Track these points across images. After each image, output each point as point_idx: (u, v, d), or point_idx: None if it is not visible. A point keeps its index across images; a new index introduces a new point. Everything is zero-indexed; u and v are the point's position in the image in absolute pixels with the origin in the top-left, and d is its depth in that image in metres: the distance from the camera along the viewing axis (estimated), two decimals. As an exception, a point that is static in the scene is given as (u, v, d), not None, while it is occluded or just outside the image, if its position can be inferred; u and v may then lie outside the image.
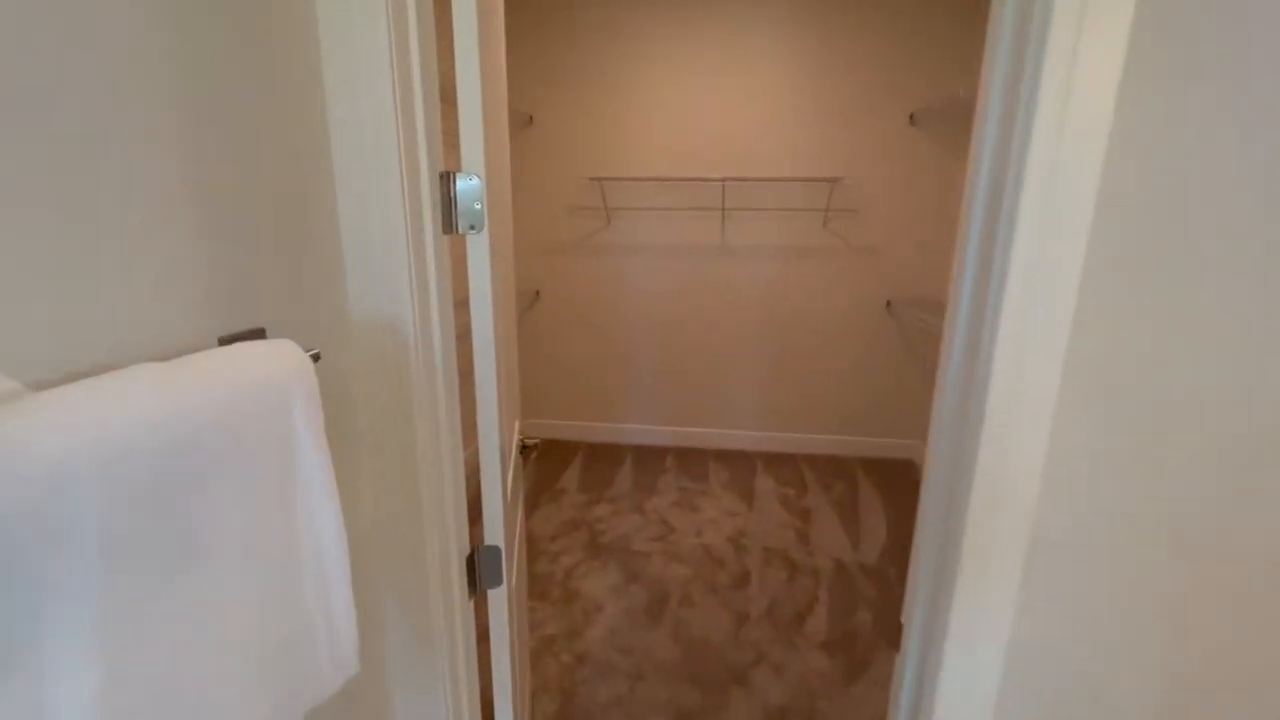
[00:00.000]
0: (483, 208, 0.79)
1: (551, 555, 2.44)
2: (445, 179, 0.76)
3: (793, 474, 3.21)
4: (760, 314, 3.32)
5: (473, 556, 0.91)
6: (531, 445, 1.50)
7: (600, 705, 1.73)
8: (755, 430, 3.50)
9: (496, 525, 0.91)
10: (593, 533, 2.62)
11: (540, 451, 3.46)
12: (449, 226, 0.78)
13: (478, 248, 0.80)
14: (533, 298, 3.45)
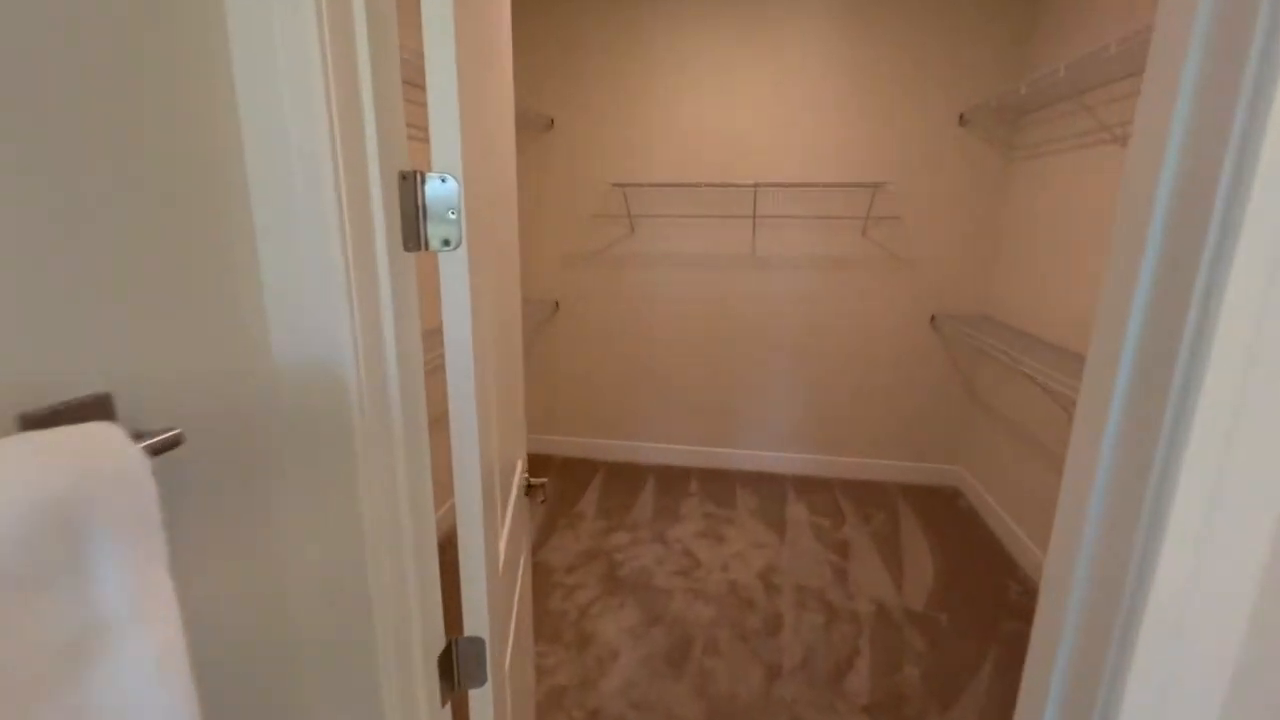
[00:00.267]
0: (459, 217, 0.61)
1: (566, 590, 2.26)
2: (410, 182, 0.59)
3: (827, 501, 2.98)
4: (793, 328, 3.11)
5: (449, 649, 0.74)
6: (539, 485, 1.32)
7: (614, 773, 1.54)
8: (786, 452, 3.27)
9: (479, 610, 0.73)
10: (611, 564, 2.43)
11: (558, 470, 3.29)
12: (415, 242, 0.61)
13: (453, 267, 0.63)
14: (551, 309, 3.30)
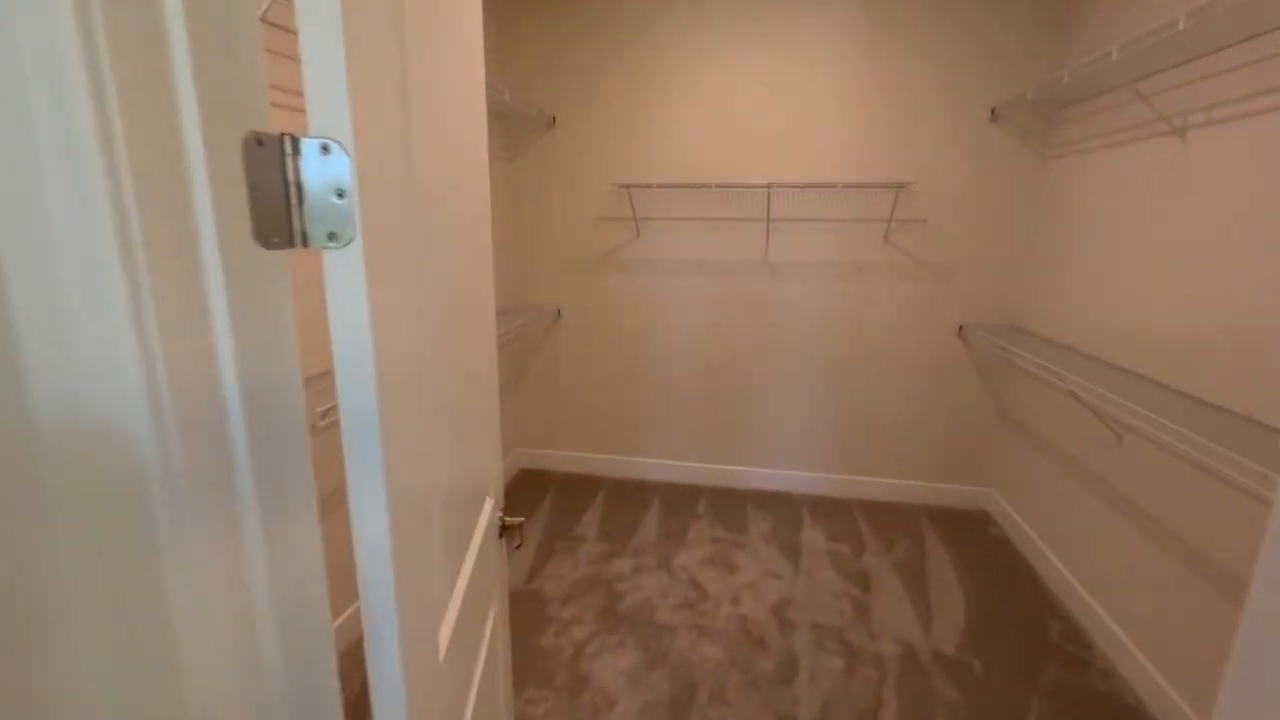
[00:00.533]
0: (351, 201, 0.43)
1: (561, 625, 2.07)
2: (270, 150, 0.41)
3: (846, 525, 2.76)
4: (809, 338, 2.90)
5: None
6: (515, 525, 1.14)
7: None
8: (802, 470, 3.07)
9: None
10: (611, 595, 2.24)
11: (558, 487, 3.11)
12: (282, 235, 0.43)
13: (343, 271, 0.44)
14: (553, 316, 3.12)
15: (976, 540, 2.65)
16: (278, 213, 0.42)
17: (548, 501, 2.96)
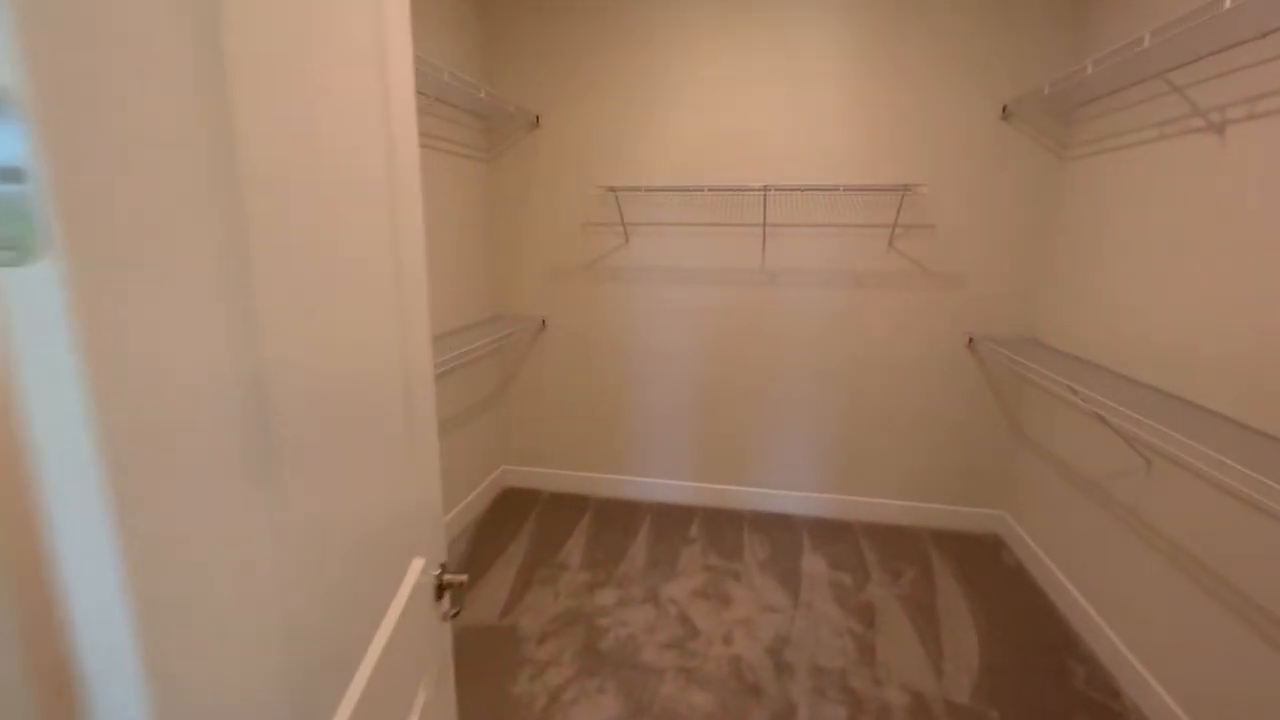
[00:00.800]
0: (32, 189, 0.26)
1: (536, 667, 1.89)
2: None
3: (849, 551, 2.58)
4: (809, 350, 2.73)
5: None
6: (456, 583, 0.96)
7: None
8: (801, 491, 2.88)
9: None
10: (592, 632, 2.06)
11: (543, 508, 2.93)
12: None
13: (32, 298, 0.28)
14: (538, 327, 2.95)
15: (988, 568, 2.46)
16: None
17: (530, 524, 2.78)
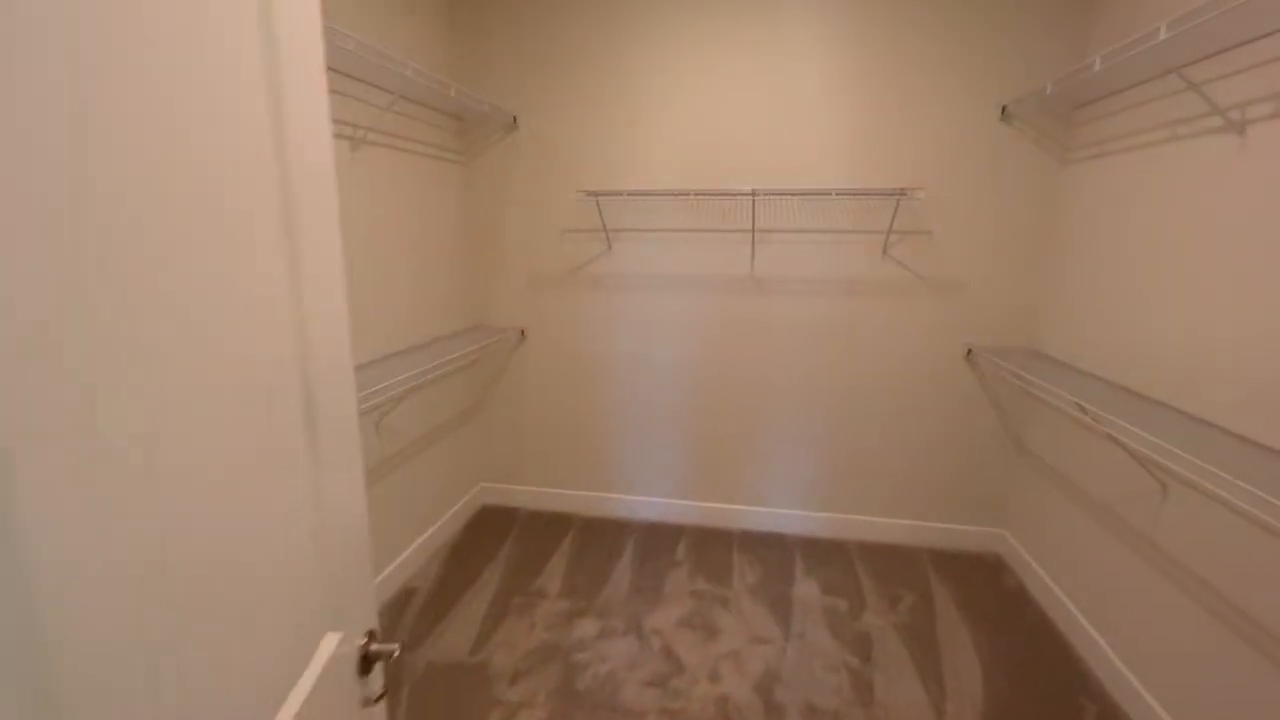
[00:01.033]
0: None
1: (507, 710, 1.75)
2: None
3: (844, 574, 2.45)
4: (800, 362, 2.60)
5: None
6: (387, 653, 0.82)
7: None
8: (793, 509, 2.75)
9: None
10: (569, 669, 1.91)
11: (522, 527, 2.79)
12: None
13: None
14: (517, 338, 2.81)
15: (989, 591, 2.33)
16: None
17: (508, 546, 2.64)
